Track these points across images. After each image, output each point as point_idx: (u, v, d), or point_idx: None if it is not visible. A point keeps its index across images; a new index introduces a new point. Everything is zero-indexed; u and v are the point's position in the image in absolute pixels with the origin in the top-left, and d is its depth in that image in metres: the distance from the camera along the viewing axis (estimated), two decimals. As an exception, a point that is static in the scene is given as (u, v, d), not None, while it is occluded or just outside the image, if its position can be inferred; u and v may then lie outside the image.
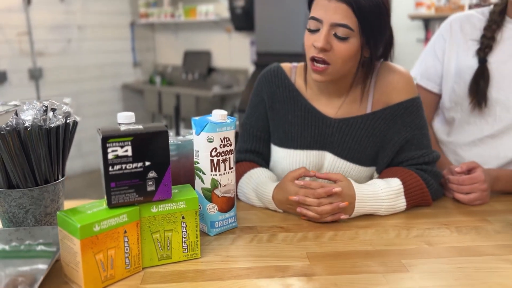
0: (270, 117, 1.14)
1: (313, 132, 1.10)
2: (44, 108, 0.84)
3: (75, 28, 4.59)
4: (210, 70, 4.84)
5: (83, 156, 4.58)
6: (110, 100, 4.98)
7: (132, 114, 0.85)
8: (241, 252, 0.85)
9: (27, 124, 0.80)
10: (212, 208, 0.90)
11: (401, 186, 1.01)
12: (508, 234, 0.91)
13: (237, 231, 0.94)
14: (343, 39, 0.96)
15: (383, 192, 0.99)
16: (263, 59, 3.45)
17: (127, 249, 0.75)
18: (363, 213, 0.99)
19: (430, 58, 1.31)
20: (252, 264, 0.80)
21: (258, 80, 1.16)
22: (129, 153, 0.72)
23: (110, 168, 0.72)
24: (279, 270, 0.77)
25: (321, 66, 0.99)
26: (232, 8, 4.12)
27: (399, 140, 1.07)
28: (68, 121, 0.86)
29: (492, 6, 1.23)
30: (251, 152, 1.14)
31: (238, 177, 1.09)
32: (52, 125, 0.83)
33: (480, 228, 0.94)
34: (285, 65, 1.16)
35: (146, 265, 0.79)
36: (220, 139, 0.88)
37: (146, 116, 5.30)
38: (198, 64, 4.91)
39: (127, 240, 0.74)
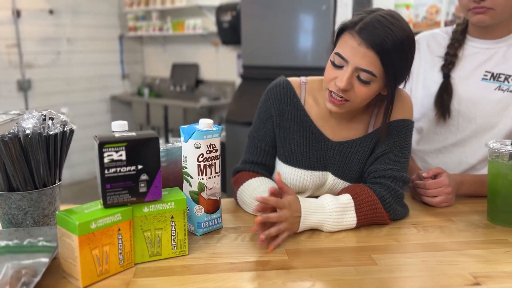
0: (277, 134, 1.15)
1: (316, 153, 1.12)
2: (43, 117, 0.91)
3: (64, 40, 4.65)
4: (198, 82, 4.92)
5: (71, 166, 4.61)
6: (98, 111, 5.02)
7: (125, 122, 0.93)
8: (225, 249, 0.92)
9: (28, 131, 0.87)
10: (199, 210, 0.98)
11: (351, 200, 0.99)
12: (470, 232, 1.00)
13: (222, 231, 1.01)
14: (365, 82, 0.98)
15: (329, 205, 0.98)
16: (249, 72, 3.54)
17: (120, 246, 0.81)
18: (310, 227, 0.97)
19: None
20: (236, 260, 0.87)
21: (267, 95, 1.16)
22: (123, 157, 0.80)
23: (106, 171, 0.79)
24: (260, 265, 0.85)
25: (339, 99, 1.01)
26: (219, 23, 4.22)
27: (377, 152, 1.09)
28: (65, 129, 0.93)
29: (454, 26, 1.34)
30: (257, 164, 1.16)
31: (239, 185, 1.13)
32: (51, 133, 0.90)
33: (444, 227, 1.03)
34: (294, 81, 1.15)
35: (138, 261, 0.85)
36: (207, 145, 0.96)
37: (134, 128, 5.34)
38: (186, 77, 5.00)
39: (120, 237, 0.81)
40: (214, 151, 0.97)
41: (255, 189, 1.10)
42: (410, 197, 1.23)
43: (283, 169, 1.15)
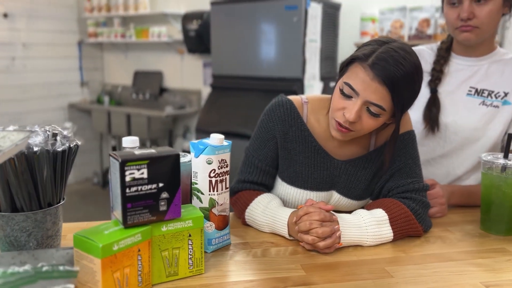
0: (281, 155, 1.13)
1: (322, 173, 1.12)
2: (48, 133, 0.87)
3: (19, 45, 4.43)
4: (162, 90, 4.84)
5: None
6: (56, 120, 4.80)
7: (136, 138, 0.90)
8: (240, 266, 0.91)
9: (36, 148, 0.82)
10: (209, 226, 0.96)
11: (385, 214, 1.03)
12: (468, 241, 1.05)
13: (232, 248, 1.00)
14: (375, 115, 0.98)
15: (364, 220, 1.01)
16: (219, 82, 3.53)
17: (140, 267, 0.78)
18: (350, 242, 0.99)
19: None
20: (254, 277, 0.86)
21: (270, 115, 1.13)
22: (145, 175, 0.77)
23: (127, 190, 0.76)
24: (280, 281, 0.85)
25: (345, 129, 1.02)
26: (185, 31, 4.19)
27: (392, 168, 1.11)
28: (71, 145, 0.89)
29: (439, 43, 1.41)
30: (256, 184, 1.15)
31: (244, 203, 1.12)
32: (59, 150, 0.85)
33: (444, 237, 1.07)
34: (296, 100, 1.13)
35: (155, 282, 0.83)
36: (218, 161, 0.95)
37: (94, 137, 5.17)
38: (149, 84, 4.90)
39: (140, 258, 0.78)
40: (225, 166, 0.96)
41: (266, 206, 1.08)
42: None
43: (287, 190, 1.15)
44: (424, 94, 1.37)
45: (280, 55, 3.17)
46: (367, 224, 1.01)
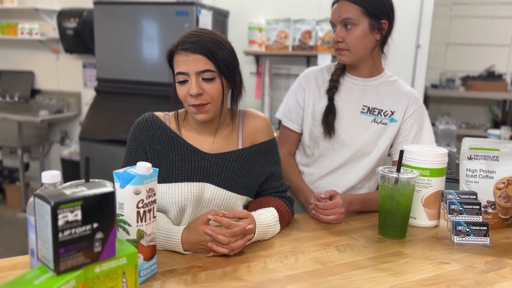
0: (150, 157, 1.22)
1: (192, 166, 1.21)
2: None
3: None
4: (34, 92, 4.40)
5: None
6: None
7: (58, 173, 0.83)
8: (174, 296, 0.90)
9: None
10: (138, 258, 0.93)
11: (277, 213, 1.24)
12: (371, 247, 1.19)
13: (159, 277, 0.98)
14: (210, 79, 1.15)
15: (270, 220, 1.20)
16: (104, 86, 3.34)
17: (74, 315, 0.73)
18: (257, 238, 1.16)
19: (293, 104, 1.57)
20: (191, 307, 0.87)
21: (134, 127, 1.25)
22: (79, 217, 0.72)
23: (60, 235, 0.70)
24: (217, 308, 0.86)
25: (201, 106, 1.16)
26: (61, 29, 3.87)
27: (266, 172, 1.30)
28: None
29: (336, 62, 1.56)
30: None
31: None
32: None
33: (352, 245, 1.19)
34: (158, 113, 1.28)
35: (88, 327, 0.78)
36: (146, 190, 0.92)
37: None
38: (18, 86, 4.41)
39: (74, 305, 0.73)
40: (152, 195, 0.94)
41: (158, 223, 1.12)
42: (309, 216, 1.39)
43: (162, 189, 1.20)
44: (323, 106, 1.50)
45: (171, 60, 3.12)
46: (272, 223, 1.21)
